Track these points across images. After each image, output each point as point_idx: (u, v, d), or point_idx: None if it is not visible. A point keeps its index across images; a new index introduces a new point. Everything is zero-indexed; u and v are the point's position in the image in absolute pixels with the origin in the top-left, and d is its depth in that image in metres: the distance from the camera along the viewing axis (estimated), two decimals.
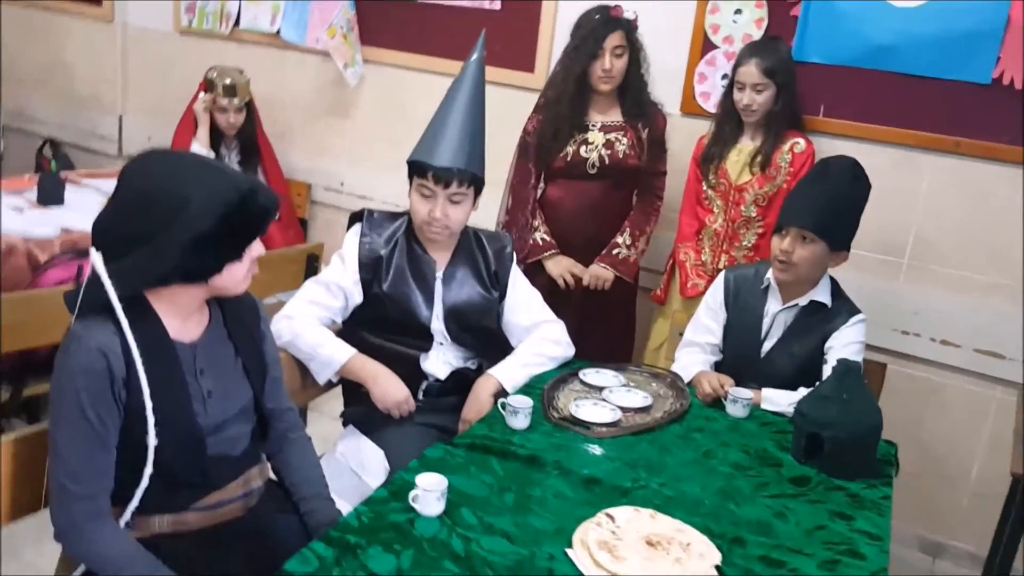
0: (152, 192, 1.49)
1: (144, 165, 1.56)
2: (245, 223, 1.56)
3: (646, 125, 2.93)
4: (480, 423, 1.99)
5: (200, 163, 1.59)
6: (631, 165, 2.93)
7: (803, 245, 2.25)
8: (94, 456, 1.48)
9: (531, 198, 3.00)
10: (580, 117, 2.90)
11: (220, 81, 3.58)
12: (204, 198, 1.49)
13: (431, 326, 2.24)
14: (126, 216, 1.51)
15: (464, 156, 2.17)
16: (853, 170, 2.29)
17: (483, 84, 2.26)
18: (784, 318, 2.37)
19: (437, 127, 2.19)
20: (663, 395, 2.24)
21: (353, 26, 3.75)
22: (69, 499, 1.47)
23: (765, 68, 2.71)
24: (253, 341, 1.74)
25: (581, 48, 2.82)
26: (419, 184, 2.18)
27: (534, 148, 2.97)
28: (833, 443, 1.88)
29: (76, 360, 1.46)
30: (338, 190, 4.02)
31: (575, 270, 2.96)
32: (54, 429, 1.49)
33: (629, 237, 2.97)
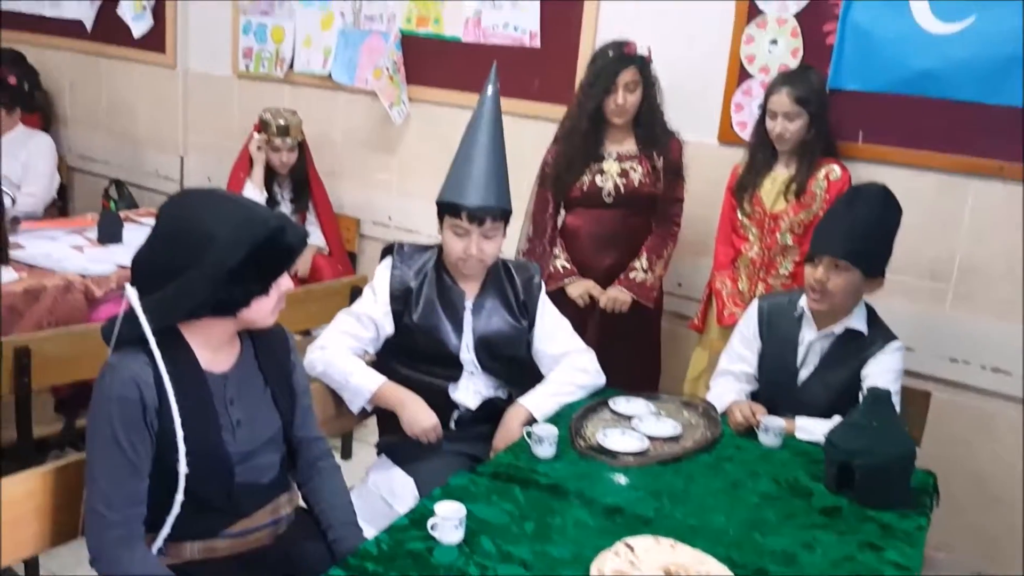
0: (183, 228, 1.57)
1: (177, 203, 1.65)
2: (271, 258, 1.63)
3: (661, 153, 2.97)
4: (506, 452, 2.01)
5: (229, 200, 1.66)
6: (647, 193, 2.97)
7: (837, 273, 2.23)
8: (127, 483, 1.54)
9: (549, 227, 3.07)
10: (595, 148, 2.96)
11: (274, 122, 3.72)
12: (231, 233, 1.55)
13: (461, 356, 2.28)
14: (159, 251, 1.59)
15: (494, 192, 2.21)
16: (883, 196, 2.27)
17: (500, 117, 2.30)
18: (819, 346, 2.34)
19: (464, 166, 2.24)
20: (694, 424, 2.23)
21: (399, 67, 3.85)
22: (103, 525, 1.53)
23: (797, 97, 2.71)
24: (283, 371, 1.80)
25: (595, 84, 2.89)
26: (453, 224, 2.23)
27: (551, 178, 3.03)
28: (864, 472, 1.85)
29: (111, 390, 1.53)
30: (386, 224, 4.11)
31: (594, 291, 3.00)
32: (90, 457, 1.56)
33: (646, 261, 2.99)
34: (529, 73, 3.52)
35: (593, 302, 2.99)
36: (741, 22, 3.09)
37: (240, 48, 4.42)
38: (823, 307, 2.28)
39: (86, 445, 1.57)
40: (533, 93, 3.55)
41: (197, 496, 1.61)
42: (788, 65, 2.98)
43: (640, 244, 3.01)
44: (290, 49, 4.24)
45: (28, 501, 1.64)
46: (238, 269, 1.56)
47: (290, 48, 4.24)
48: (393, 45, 3.82)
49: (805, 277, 2.29)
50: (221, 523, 1.67)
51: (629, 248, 3.01)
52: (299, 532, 1.80)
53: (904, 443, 1.90)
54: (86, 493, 1.57)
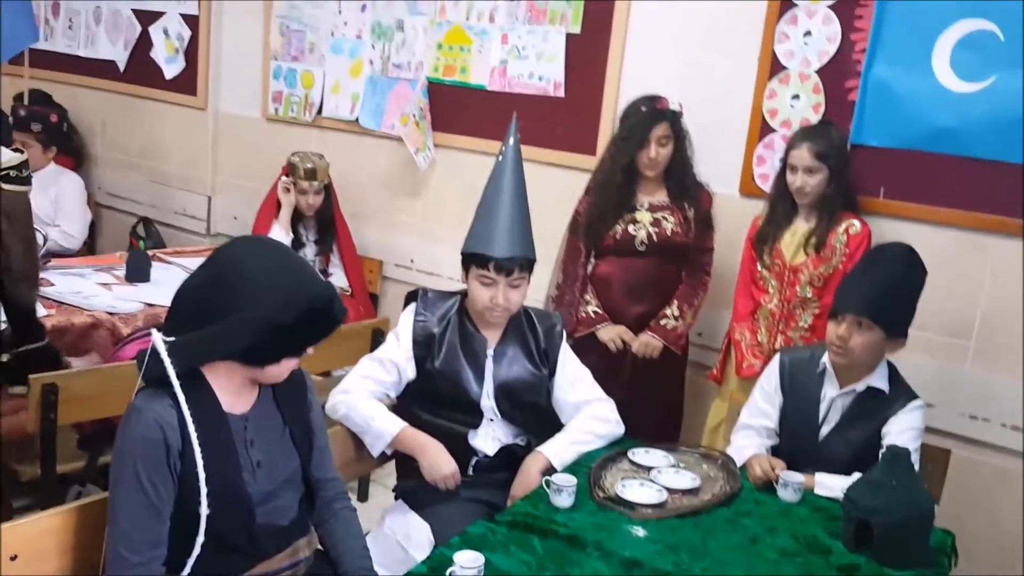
0: (241, 274, 1.60)
1: (238, 248, 1.68)
2: (316, 326, 1.67)
3: (692, 204, 3.02)
4: (524, 500, 2.02)
5: (290, 257, 1.71)
6: (679, 242, 3.01)
7: (859, 332, 2.23)
8: (149, 525, 1.56)
9: (580, 275, 3.11)
10: (628, 199, 3.02)
11: (301, 165, 3.80)
12: (288, 292, 1.60)
13: (481, 403, 2.30)
14: (210, 291, 1.61)
15: (519, 242, 2.25)
16: (908, 256, 2.28)
17: (522, 166, 2.34)
18: (841, 403, 2.35)
19: (489, 216, 2.27)
20: (713, 477, 2.23)
21: (425, 114, 3.93)
22: (124, 566, 1.55)
23: (817, 152, 2.74)
24: (301, 411, 1.82)
25: (629, 138, 2.96)
26: (479, 274, 2.26)
27: (584, 228, 3.08)
28: (882, 530, 1.84)
29: (135, 431, 1.56)
30: (408, 267, 4.16)
31: (626, 336, 3.02)
32: (113, 498, 1.58)
33: (677, 309, 3.03)
34: (553, 122, 3.58)
35: (624, 347, 3.02)
36: (764, 77, 3.14)
37: (270, 92, 4.52)
38: (844, 362, 2.28)
39: (109, 486, 1.59)
40: (556, 142, 3.61)
41: (218, 537, 1.62)
42: (810, 120, 3.02)
43: (669, 292, 3.05)
44: (319, 94, 4.33)
45: (50, 538, 1.65)
46: (288, 327, 1.60)
47: (319, 93, 4.33)
48: (420, 92, 3.90)
49: (827, 333, 2.30)
50: (241, 566, 1.68)
51: (659, 296, 3.05)
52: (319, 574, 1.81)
53: (923, 502, 1.89)
54: (108, 534, 1.58)
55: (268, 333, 1.59)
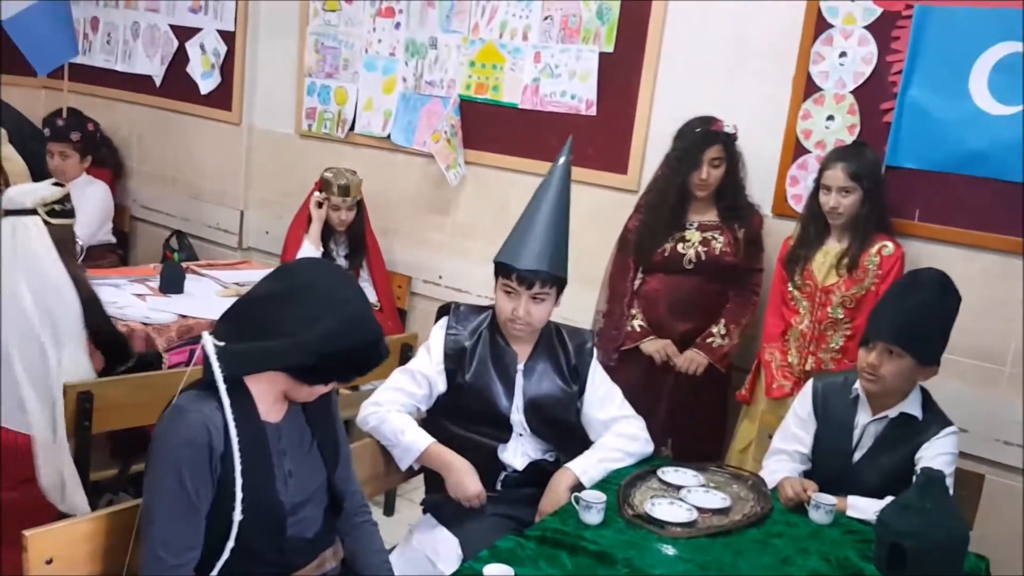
0: (316, 294, 1.64)
1: (314, 268, 1.75)
2: (369, 360, 1.71)
3: (742, 225, 3.05)
4: (553, 516, 2.02)
5: (356, 289, 1.75)
6: (727, 262, 3.03)
7: (890, 360, 2.22)
8: (187, 527, 1.57)
9: (628, 291, 3.16)
10: (679, 218, 3.06)
11: (335, 181, 3.83)
12: (357, 322, 1.66)
13: (511, 417, 2.30)
14: (278, 303, 1.64)
15: (547, 259, 2.25)
16: (941, 283, 2.26)
17: (568, 187, 2.35)
18: (874, 429, 2.32)
19: (523, 230, 2.29)
20: (744, 497, 2.21)
21: (457, 131, 3.96)
22: (160, 567, 1.55)
23: (851, 172, 2.73)
24: (328, 424, 1.84)
25: (683, 159, 2.99)
26: (504, 284, 2.27)
27: (634, 244, 3.12)
28: (915, 554, 1.81)
29: (180, 432, 1.57)
30: (436, 283, 4.17)
31: (670, 350, 3.04)
32: (151, 498, 1.58)
33: (724, 328, 3.04)
34: (584, 141, 3.59)
35: (668, 362, 3.03)
36: (798, 97, 3.13)
37: (304, 108, 4.57)
38: (876, 389, 2.27)
39: (146, 487, 1.60)
40: (588, 160, 3.62)
41: (249, 547, 1.63)
42: (844, 141, 3.01)
43: (715, 311, 3.07)
44: (352, 111, 4.38)
45: (84, 544, 1.66)
46: (342, 355, 1.64)
47: (352, 110, 4.38)
48: (452, 110, 3.93)
49: (859, 360, 2.29)
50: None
51: (705, 315, 3.07)
52: None
53: (957, 526, 1.87)
54: (144, 535, 1.59)
55: (325, 357, 1.62)
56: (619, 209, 3.37)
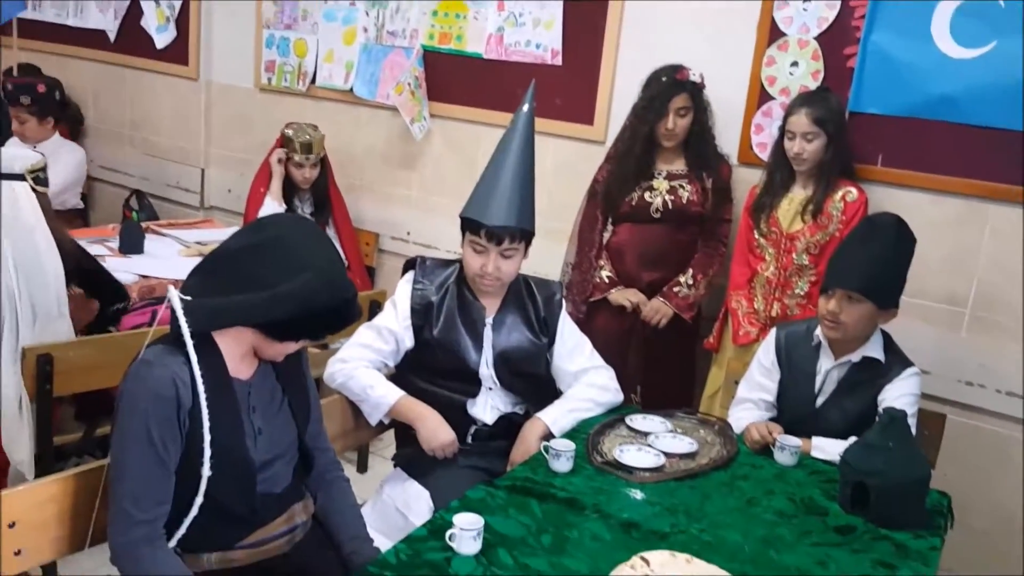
0: (290, 250, 1.61)
1: (288, 223, 1.71)
2: (340, 317, 1.68)
3: (710, 175, 3.05)
4: (523, 466, 2.03)
5: (332, 248, 1.72)
6: (694, 212, 3.04)
7: (850, 305, 2.24)
8: (156, 482, 1.55)
9: (597, 241, 3.16)
10: (647, 168, 3.04)
11: (297, 138, 3.76)
12: (330, 280, 1.63)
13: (480, 372, 2.30)
14: (250, 258, 1.61)
15: (515, 214, 2.22)
16: (897, 228, 2.28)
17: (532, 136, 2.31)
18: (837, 374, 2.35)
19: (489, 184, 2.25)
20: (710, 442, 2.24)
21: (421, 83, 3.89)
22: (129, 522, 1.54)
23: (815, 117, 2.73)
24: (298, 382, 1.82)
25: (649, 108, 2.98)
26: (472, 240, 2.25)
27: (602, 195, 3.12)
28: (879, 492, 1.85)
29: (147, 386, 1.55)
30: (404, 239, 4.14)
31: (636, 299, 3.06)
32: (119, 453, 1.56)
33: (691, 278, 3.05)
34: (550, 91, 3.55)
35: (635, 311, 3.04)
36: (762, 44, 3.11)
37: (263, 61, 4.47)
38: (837, 336, 2.29)
39: (114, 442, 1.57)
40: (554, 112, 3.58)
41: (218, 504, 1.62)
42: (808, 87, 3.00)
43: (683, 262, 3.08)
44: (312, 63, 4.29)
45: (49, 506, 1.65)
46: (315, 312, 1.62)
47: (312, 62, 4.29)
48: (415, 61, 3.87)
49: (819, 308, 2.31)
50: (239, 533, 1.69)
51: (672, 264, 3.08)
52: (314, 541, 1.82)
53: (919, 464, 1.90)
54: (112, 490, 1.57)
55: (298, 313, 1.60)
56: (587, 161, 3.36)
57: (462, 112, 3.88)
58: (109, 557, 1.58)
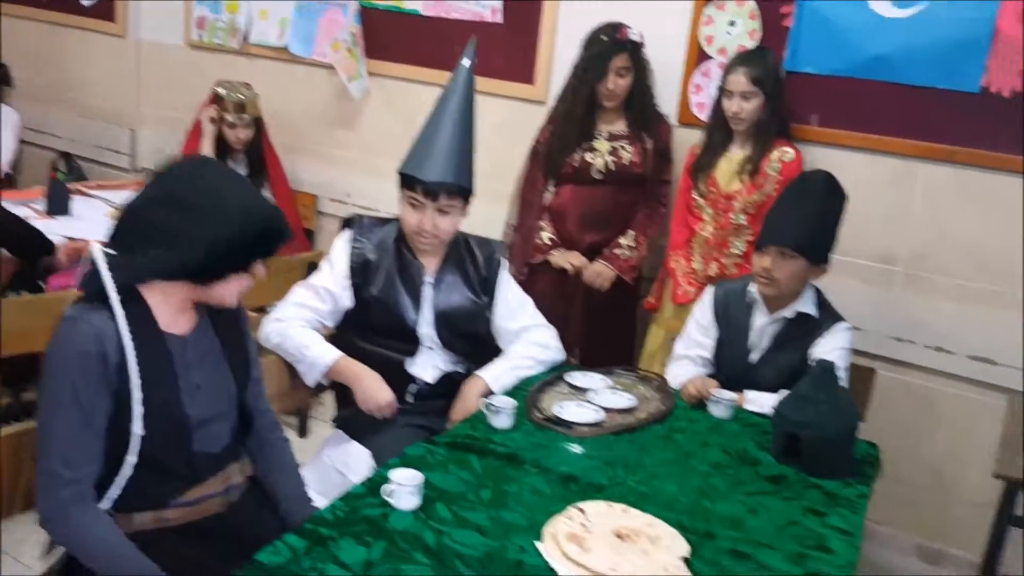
0: (193, 193, 1.56)
1: (187, 169, 1.64)
2: (264, 240, 1.63)
3: (651, 135, 3.05)
4: (463, 423, 2.03)
5: (236, 177, 1.68)
6: (636, 172, 3.04)
7: (783, 262, 2.28)
8: (84, 440, 1.52)
9: (538, 203, 3.15)
10: (588, 129, 3.03)
11: (229, 97, 3.66)
12: (238, 207, 1.57)
13: (419, 331, 2.28)
14: (160, 209, 1.57)
15: (453, 170, 2.20)
16: (828, 185, 2.33)
17: (472, 93, 2.29)
18: (771, 330, 2.40)
19: (427, 140, 2.23)
20: (649, 397, 2.26)
21: (358, 40, 3.82)
22: (57, 483, 1.50)
23: (753, 77, 2.75)
24: (238, 340, 1.79)
25: (588, 69, 2.96)
26: (409, 196, 2.22)
27: (544, 156, 3.11)
28: (810, 442, 1.89)
29: (71, 342, 1.50)
30: (344, 201, 4.08)
31: (577, 261, 3.06)
32: (45, 413, 1.52)
33: (632, 240, 3.06)
34: (490, 50, 3.50)
35: (576, 272, 3.04)
36: (700, 3, 3.11)
37: (193, 17, 4.34)
38: (771, 292, 2.34)
39: (40, 402, 1.53)
40: (495, 71, 3.54)
41: (153, 461, 1.59)
42: (746, 47, 3.01)
43: (624, 223, 3.08)
44: (245, 19, 4.17)
45: None
46: (233, 242, 1.57)
47: (245, 19, 4.17)
48: (352, 18, 3.78)
49: (753, 265, 2.35)
50: (173, 491, 1.65)
51: (614, 226, 3.08)
52: (251, 501, 1.79)
53: (849, 415, 1.95)
54: (39, 451, 1.53)
55: (216, 250, 1.55)
56: (528, 121, 3.33)
57: (401, 70, 3.82)
58: (37, 520, 1.54)
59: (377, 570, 1.43)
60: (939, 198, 2.87)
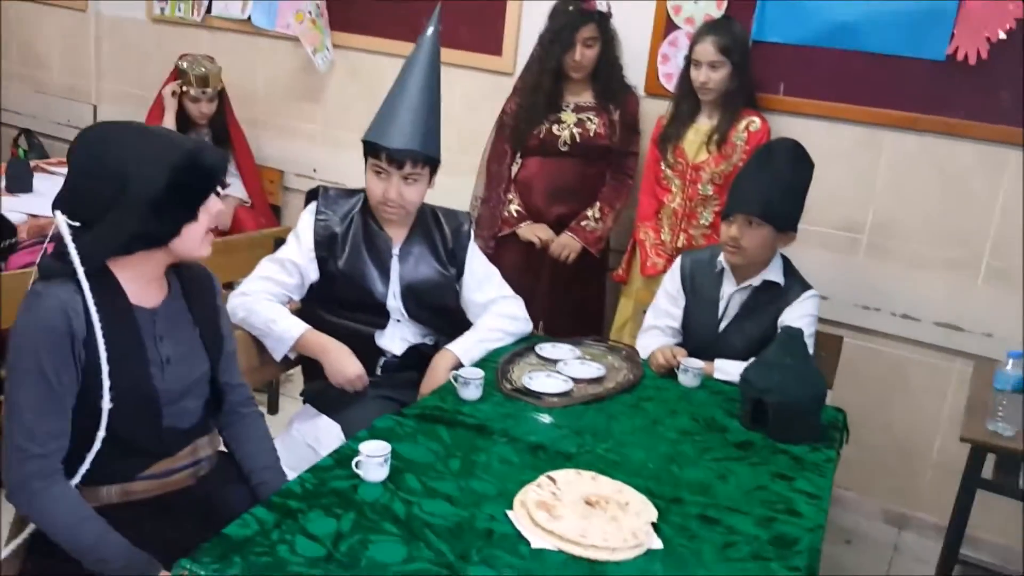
0: (100, 165, 1.52)
1: (89, 141, 1.58)
2: (194, 182, 1.59)
3: (618, 107, 3.03)
4: (432, 395, 2.02)
5: (143, 131, 1.62)
6: (602, 144, 3.02)
7: (750, 230, 2.29)
8: (51, 416, 1.50)
9: (506, 176, 3.12)
10: (555, 100, 3.01)
11: (192, 71, 3.60)
12: (151, 162, 1.53)
13: (387, 303, 2.27)
14: (81, 190, 1.54)
15: (419, 137, 2.17)
16: (795, 153, 2.33)
17: (438, 61, 2.26)
18: (739, 299, 2.41)
19: (391, 107, 2.20)
20: (617, 367, 2.27)
21: (322, 11, 3.76)
22: (23, 458, 1.49)
23: (721, 46, 2.74)
24: (211, 313, 1.76)
25: (555, 40, 2.93)
26: (373, 164, 2.20)
27: (510, 128, 3.08)
28: (776, 408, 1.91)
29: (37, 317, 1.48)
30: (310, 176, 4.03)
31: (544, 235, 3.04)
32: (11, 388, 1.50)
33: (599, 212, 3.04)
34: (456, 21, 3.47)
35: (543, 245, 3.03)
36: None
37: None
38: (738, 261, 2.34)
39: (7, 377, 1.51)
40: (461, 42, 3.51)
41: (122, 435, 1.57)
42: (713, 16, 3.00)
43: (591, 195, 3.07)
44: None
45: None
46: (162, 198, 1.53)
47: None
48: None
49: (721, 234, 2.35)
50: (142, 465, 1.63)
51: (581, 198, 3.06)
52: (221, 475, 1.78)
53: (815, 381, 1.97)
54: (6, 427, 1.51)
55: (151, 211, 1.52)
56: (496, 94, 3.30)
57: (366, 43, 3.77)
58: (4, 494, 1.52)
59: (347, 541, 1.42)
60: (902, 166, 2.89)
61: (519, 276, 2.80)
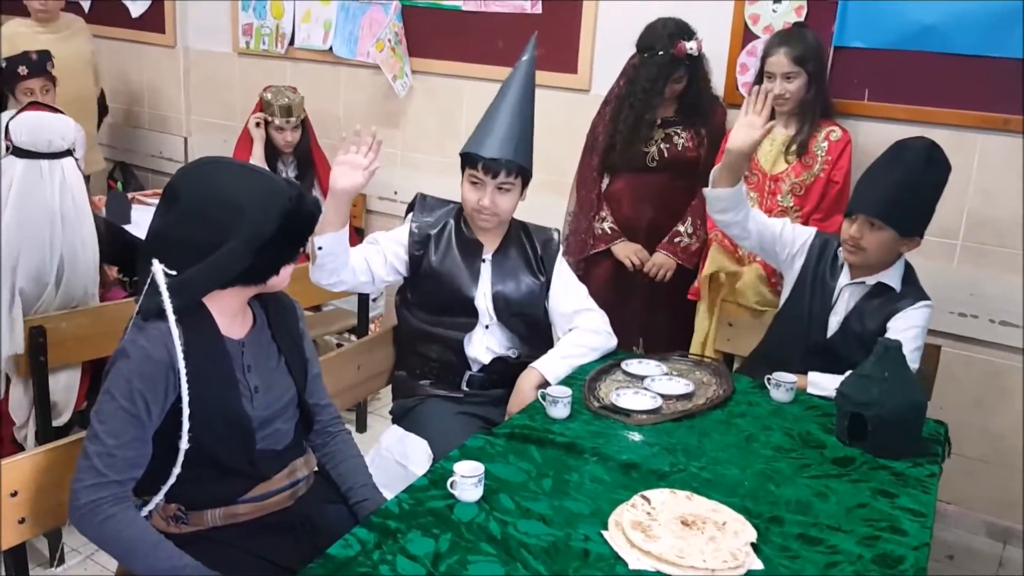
0: (211, 203, 1.56)
1: (196, 177, 1.62)
2: (300, 225, 1.65)
3: (704, 121, 3.01)
4: (520, 414, 2.03)
5: (248, 170, 1.68)
6: (690, 158, 3.01)
7: (871, 231, 2.20)
8: (133, 443, 1.52)
9: (595, 196, 3.12)
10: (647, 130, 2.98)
11: (275, 102, 3.71)
12: (262, 203, 1.57)
13: (477, 304, 2.32)
14: (187, 227, 1.56)
15: (511, 148, 2.26)
16: (928, 153, 2.20)
17: (533, 83, 2.36)
18: (852, 293, 2.32)
19: (488, 121, 2.29)
20: (706, 382, 2.24)
21: (401, 39, 3.84)
22: (101, 483, 1.49)
23: (795, 56, 2.69)
24: (294, 339, 1.81)
25: (649, 90, 2.90)
26: (470, 174, 2.28)
27: (601, 149, 3.08)
28: (876, 423, 1.86)
29: (137, 347, 1.53)
30: (391, 199, 4.11)
31: (640, 256, 3.03)
32: (99, 413, 1.52)
33: (691, 226, 3.03)
34: None
35: (638, 267, 3.03)
36: None
37: (240, 25, 4.40)
38: (856, 260, 2.27)
39: (97, 404, 1.54)
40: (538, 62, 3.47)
41: (218, 462, 1.63)
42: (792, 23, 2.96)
43: (681, 208, 3.04)
44: (290, 24, 4.23)
45: (50, 473, 1.65)
46: (273, 238, 1.58)
47: (290, 23, 4.23)
48: (394, 16, 3.81)
49: (841, 232, 2.28)
50: (241, 488, 1.69)
51: (670, 211, 3.05)
52: (319, 494, 1.82)
53: (915, 393, 1.91)
54: (85, 448, 1.52)
55: (259, 251, 1.57)
56: (574, 111, 3.33)
57: (443, 67, 3.84)
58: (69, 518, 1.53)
59: (445, 561, 1.44)
60: (996, 168, 2.80)
61: (611, 291, 2.80)
